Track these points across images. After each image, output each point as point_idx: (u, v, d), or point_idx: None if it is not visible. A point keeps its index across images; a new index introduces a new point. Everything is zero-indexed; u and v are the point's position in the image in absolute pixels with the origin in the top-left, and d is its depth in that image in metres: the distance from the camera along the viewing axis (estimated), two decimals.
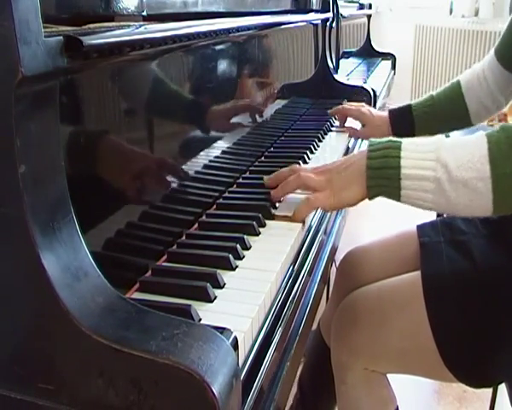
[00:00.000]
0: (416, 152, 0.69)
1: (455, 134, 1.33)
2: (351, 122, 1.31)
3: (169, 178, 0.71)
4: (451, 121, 1.20)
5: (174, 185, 0.72)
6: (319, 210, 0.87)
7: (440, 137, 0.72)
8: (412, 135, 1.20)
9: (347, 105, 1.31)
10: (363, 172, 0.71)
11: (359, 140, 1.29)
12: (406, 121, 1.19)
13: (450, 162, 0.66)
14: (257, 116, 1.06)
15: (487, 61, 1.16)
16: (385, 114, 1.23)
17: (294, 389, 1.23)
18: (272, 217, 0.77)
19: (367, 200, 0.75)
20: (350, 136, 1.27)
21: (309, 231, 0.80)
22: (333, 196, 0.74)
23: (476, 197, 0.66)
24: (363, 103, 1.31)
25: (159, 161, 0.69)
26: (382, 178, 0.70)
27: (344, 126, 1.31)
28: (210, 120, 0.84)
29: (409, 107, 1.20)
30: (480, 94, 1.15)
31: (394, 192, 0.70)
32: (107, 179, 0.58)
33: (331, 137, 1.26)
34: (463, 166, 0.66)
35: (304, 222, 0.77)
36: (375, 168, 0.71)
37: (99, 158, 0.56)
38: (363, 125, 1.24)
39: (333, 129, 1.32)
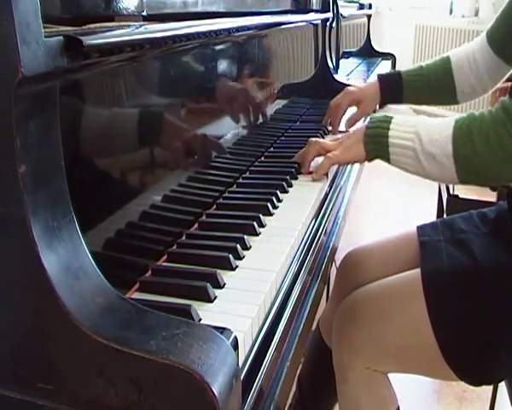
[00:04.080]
0: (402, 126, 0.85)
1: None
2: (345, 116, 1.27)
3: (169, 178, 0.71)
4: (438, 95, 1.21)
5: (174, 185, 0.72)
6: (320, 210, 0.87)
7: (424, 117, 0.87)
8: (399, 102, 1.24)
9: (334, 100, 1.26)
10: (363, 137, 0.89)
11: None
12: (395, 88, 1.20)
13: (424, 137, 0.81)
14: (257, 116, 1.06)
15: (478, 43, 1.16)
16: (373, 81, 1.23)
17: (294, 389, 1.23)
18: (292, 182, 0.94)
19: (365, 199, 0.78)
20: (350, 127, 1.23)
21: (309, 230, 0.80)
22: (344, 152, 0.92)
23: (443, 169, 0.80)
24: (346, 87, 1.27)
25: (159, 161, 0.69)
26: (375, 143, 0.87)
27: (339, 132, 1.26)
28: (210, 120, 0.84)
29: (398, 75, 1.20)
30: (469, 75, 1.16)
31: (385, 156, 0.86)
32: (107, 179, 0.58)
33: (331, 138, 1.26)
34: (432, 143, 0.80)
35: (326, 177, 0.93)
36: (370, 136, 0.88)
37: (99, 158, 0.56)
38: (358, 105, 1.23)
39: (330, 134, 1.27)
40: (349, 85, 1.51)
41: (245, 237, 0.69)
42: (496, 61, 1.11)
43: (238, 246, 0.66)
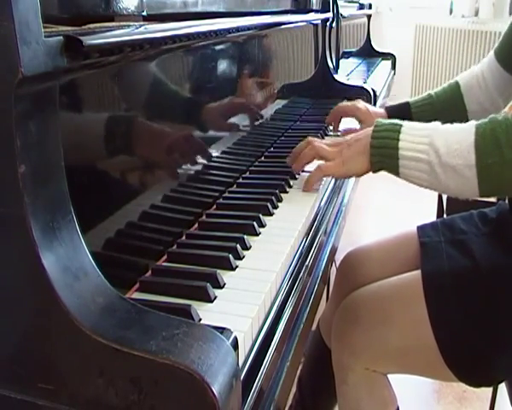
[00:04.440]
0: (413, 136, 0.77)
1: None
2: (346, 124, 1.28)
3: (169, 178, 0.71)
4: (449, 121, 1.18)
5: (174, 185, 0.72)
6: (320, 210, 0.87)
7: (437, 123, 0.79)
8: None
9: (342, 104, 1.26)
10: (368, 148, 0.80)
11: None
12: (404, 119, 1.18)
13: (441, 148, 0.73)
14: (257, 116, 1.06)
15: (486, 62, 1.15)
16: (381, 110, 1.20)
17: (294, 389, 1.23)
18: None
19: (365, 199, 0.77)
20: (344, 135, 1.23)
21: (309, 231, 0.80)
22: (342, 165, 0.83)
23: (463, 181, 0.73)
24: (359, 100, 1.26)
25: (159, 162, 0.69)
26: (382, 156, 0.79)
27: (338, 131, 1.26)
28: (210, 120, 0.84)
29: (407, 105, 1.18)
30: (479, 95, 1.14)
31: (394, 169, 0.79)
32: (107, 179, 0.58)
33: (331, 138, 1.26)
34: (452, 153, 0.72)
35: (316, 189, 0.87)
36: (376, 147, 0.79)
37: (99, 158, 0.56)
38: (360, 123, 1.21)
39: (330, 133, 1.28)
40: (351, 86, 1.50)
41: (245, 237, 0.69)
42: (505, 77, 1.10)
43: (238, 246, 0.66)
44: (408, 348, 0.89)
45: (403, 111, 1.17)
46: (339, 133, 1.26)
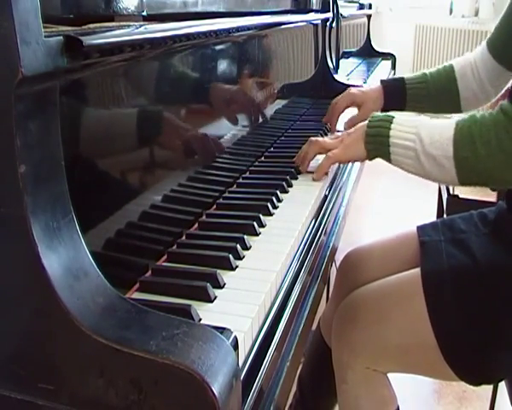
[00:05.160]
0: (403, 126, 0.85)
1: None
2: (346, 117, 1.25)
3: (169, 178, 0.71)
4: (442, 103, 1.20)
5: (174, 185, 0.72)
6: (320, 210, 0.87)
7: (425, 117, 0.87)
8: (402, 109, 1.21)
9: (336, 100, 1.24)
10: (364, 136, 0.89)
11: None
12: (398, 95, 1.19)
13: (425, 138, 0.81)
14: (257, 116, 1.06)
15: (479, 51, 1.16)
16: (376, 85, 1.21)
17: (294, 389, 1.23)
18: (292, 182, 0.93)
19: (365, 199, 0.78)
20: (349, 128, 1.23)
21: (309, 230, 0.80)
22: (344, 151, 0.92)
23: (444, 171, 0.81)
24: (350, 87, 1.25)
25: (159, 161, 0.69)
26: (376, 143, 0.87)
27: (337, 130, 1.24)
28: (210, 120, 0.84)
29: (402, 81, 1.19)
30: (472, 82, 1.15)
31: (386, 155, 0.86)
32: (107, 179, 0.58)
33: (331, 136, 1.26)
34: (434, 144, 0.80)
35: (326, 177, 0.92)
36: (370, 135, 0.88)
37: (99, 158, 0.56)
38: (359, 108, 1.21)
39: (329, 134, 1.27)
40: (352, 86, 1.50)
41: (245, 237, 0.69)
42: (497, 68, 1.11)
43: (238, 246, 0.66)
44: (408, 346, 0.89)
45: (397, 86, 1.19)
46: (338, 134, 1.25)
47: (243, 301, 0.56)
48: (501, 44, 1.09)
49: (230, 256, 0.64)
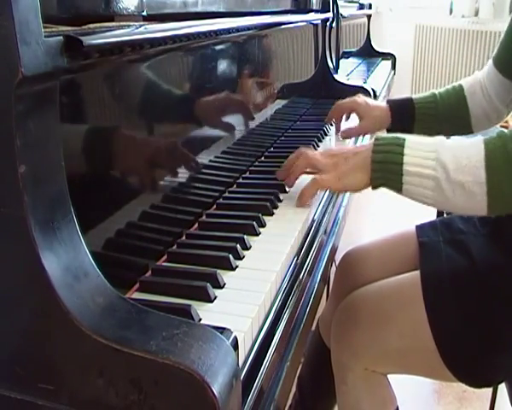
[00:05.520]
0: (418, 151, 0.72)
1: (455, 138, 1.28)
2: (345, 124, 1.25)
3: (169, 179, 0.71)
4: (452, 124, 1.16)
5: (174, 185, 0.72)
6: (320, 210, 0.87)
7: (442, 138, 0.75)
8: (410, 131, 1.15)
9: (341, 101, 1.21)
10: (368, 163, 0.75)
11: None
12: (407, 115, 1.14)
13: (449, 164, 0.70)
14: (257, 116, 1.06)
15: (486, 70, 1.14)
16: (383, 104, 1.17)
17: (293, 389, 1.23)
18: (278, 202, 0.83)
19: (365, 199, 0.76)
20: (344, 138, 1.19)
21: (309, 230, 0.80)
22: (338, 179, 0.78)
23: (472, 199, 0.70)
24: (359, 94, 1.22)
25: (159, 162, 0.69)
26: (385, 171, 0.74)
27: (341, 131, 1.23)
28: (210, 120, 0.84)
29: (410, 101, 1.15)
30: (482, 101, 1.12)
31: (396, 186, 0.74)
32: (107, 179, 0.58)
33: (331, 138, 1.26)
34: (461, 169, 0.69)
35: (309, 205, 0.81)
36: (378, 162, 0.75)
37: (99, 158, 0.56)
38: (360, 119, 1.18)
39: (330, 133, 1.26)
40: (351, 86, 1.48)
41: (245, 237, 0.69)
42: (505, 83, 1.09)
43: (238, 246, 0.66)
44: (407, 348, 0.89)
45: (406, 107, 1.14)
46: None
47: (243, 301, 0.56)
48: (507, 59, 1.08)
49: (230, 256, 0.64)
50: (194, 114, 0.79)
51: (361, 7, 2.51)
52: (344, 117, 1.25)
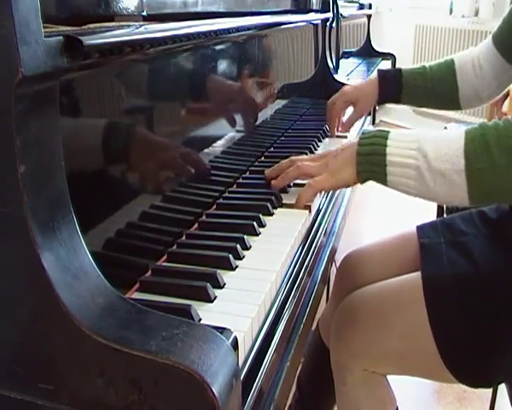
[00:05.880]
0: (401, 141, 0.74)
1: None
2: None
3: (169, 178, 0.71)
4: (439, 98, 1.17)
5: (174, 185, 0.72)
6: (320, 210, 0.87)
7: (425, 130, 0.77)
8: (397, 100, 1.18)
9: (330, 102, 1.23)
10: (354, 157, 0.77)
11: None
12: (394, 84, 1.16)
13: (430, 153, 0.71)
14: (257, 116, 1.06)
15: (484, 46, 1.14)
16: (372, 77, 1.20)
17: (293, 389, 1.23)
18: (281, 205, 0.84)
19: (365, 199, 0.76)
20: (347, 130, 1.22)
21: (309, 230, 0.80)
22: (331, 177, 0.80)
23: (452, 188, 0.71)
24: (344, 86, 1.25)
25: (159, 162, 0.69)
26: (370, 163, 0.76)
27: (337, 136, 1.24)
28: (210, 120, 0.84)
29: (399, 71, 1.17)
30: (473, 78, 1.13)
31: (381, 177, 0.76)
32: (107, 179, 0.58)
33: (331, 138, 1.26)
34: (441, 158, 0.70)
35: (309, 209, 0.82)
36: (363, 154, 0.77)
37: (99, 158, 0.56)
38: (354, 105, 1.20)
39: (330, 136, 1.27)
40: (346, 85, 1.49)
41: (245, 237, 0.69)
42: (502, 62, 1.10)
43: (238, 246, 0.66)
44: (407, 350, 0.89)
45: (394, 77, 1.16)
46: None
47: (243, 301, 0.56)
48: (507, 38, 1.08)
49: (230, 256, 0.64)
50: (193, 114, 0.79)
51: (361, 7, 2.51)
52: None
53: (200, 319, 0.52)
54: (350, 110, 1.25)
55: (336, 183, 0.81)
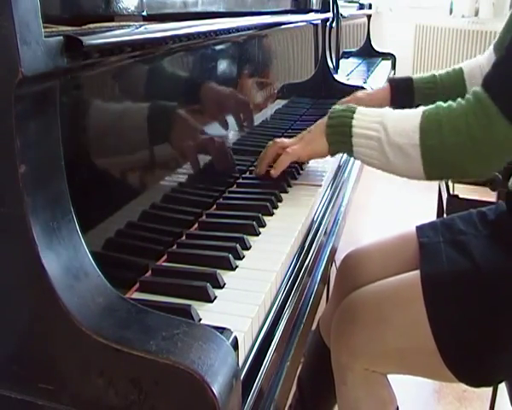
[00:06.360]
0: (367, 116, 0.81)
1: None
2: None
3: (169, 178, 0.71)
4: None
5: (174, 185, 0.72)
6: (320, 210, 0.87)
7: (389, 108, 0.84)
8: (409, 108, 1.19)
9: (342, 101, 1.22)
10: (325, 129, 0.86)
11: None
12: (406, 95, 1.17)
13: (390, 127, 0.78)
14: (257, 116, 1.06)
15: (486, 57, 1.15)
16: (384, 85, 1.20)
17: (294, 389, 1.23)
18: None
19: (365, 199, 0.77)
20: None
21: (309, 230, 0.80)
22: (305, 146, 0.89)
23: (409, 161, 0.77)
24: (358, 90, 1.27)
25: (159, 162, 0.69)
26: (338, 134, 0.83)
27: None
28: (210, 120, 0.84)
29: (410, 81, 1.18)
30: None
31: (348, 148, 0.83)
32: (107, 179, 0.58)
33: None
34: (399, 132, 0.77)
35: (309, 207, 0.83)
36: (332, 126, 0.84)
37: (99, 158, 0.56)
38: None
39: None
40: (352, 86, 1.49)
41: (245, 237, 0.69)
42: None
43: (238, 246, 0.66)
44: (407, 349, 0.89)
45: (405, 86, 1.17)
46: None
47: (243, 301, 0.56)
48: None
49: (230, 256, 0.64)
50: (193, 114, 0.79)
51: (361, 7, 2.51)
52: None
53: (200, 319, 0.52)
54: None
55: (311, 152, 0.89)
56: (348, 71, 2.14)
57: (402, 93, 1.18)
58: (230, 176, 0.92)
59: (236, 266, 0.63)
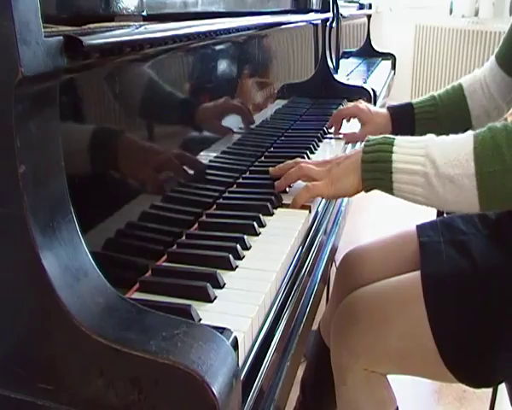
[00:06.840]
0: (407, 148, 0.73)
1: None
2: (347, 129, 1.26)
3: (169, 178, 0.71)
4: (453, 124, 1.14)
5: (174, 185, 0.72)
6: (320, 210, 0.87)
7: (432, 135, 0.75)
8: (411, 134, 1.14)
9: (343, 107, 1.25)
10: (359, 164, 0.76)
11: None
12: (407, 121, 1.15)
13: (438, 158, 0.69)
14: (257, 116, 1.06)
15: (488, 67, 1.14)
16: (384, 111, 1.19)
17: (296, 391, 1.23)
18: (280, 205, 0.83)
19: (365, 199, 0.76)
20: (347, 142, 1.21)
21: (309, 230, 0.80)
22: (331, 184, 0.79)
23: (462, 193, 0.69)
24: (361, 100, 1.25)
25: (159, 162, 0.69)
26: (375, 171, 0.74)
27: (339, 133, 1.25)
28: (210, 120, 0.84)
29: (410, 106, 1.16)
30: (482, 99, 1.13)
31: (387, 185, 0.74)
32: (107, 179, 0.58)
33: (331, 139, 1.26)
34: (450, 163, 0.69)
35: (309, 209, 0.81)
36: (369, 162, 0.75)
37: (99, 158, 0.56)
38: (362, 125, 1.20)
39: (330, 136, 1.26)
40: (352, 87, 1.48)
41: (245, 237, 0.69)
42: (507, 81, 1.09)
43: (238, 246, 0.66)
44: (407, 349, 0.89)
45: (405, 111, 1.16)
46: (340, 136, 1.25)
47: (243, 301, 0.56)
48: (510, 57, 1.08)
49: (230, 256, 0.64)
50: (194, 113, 0.79)
51: (361, 7, 2.51)
52: (344, 120, 1.26)
53: (200, 319, 0.52)
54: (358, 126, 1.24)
55: (335, 192, 0.79)
56: (348, 71, 2.14)
57: (402, 120, 1.15)
58: (230, 176, 0.92)
59: (236, 266, 0.63)
